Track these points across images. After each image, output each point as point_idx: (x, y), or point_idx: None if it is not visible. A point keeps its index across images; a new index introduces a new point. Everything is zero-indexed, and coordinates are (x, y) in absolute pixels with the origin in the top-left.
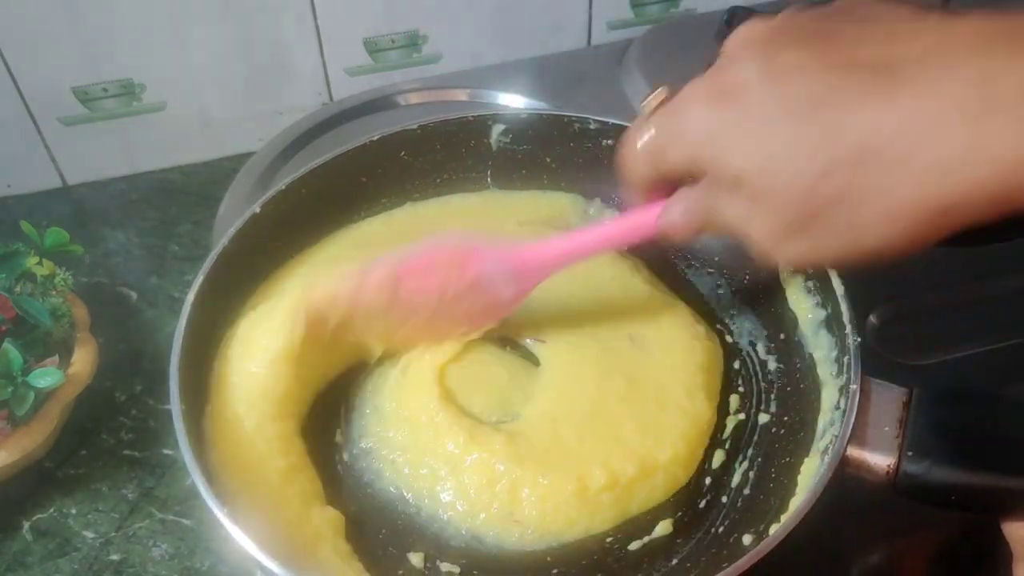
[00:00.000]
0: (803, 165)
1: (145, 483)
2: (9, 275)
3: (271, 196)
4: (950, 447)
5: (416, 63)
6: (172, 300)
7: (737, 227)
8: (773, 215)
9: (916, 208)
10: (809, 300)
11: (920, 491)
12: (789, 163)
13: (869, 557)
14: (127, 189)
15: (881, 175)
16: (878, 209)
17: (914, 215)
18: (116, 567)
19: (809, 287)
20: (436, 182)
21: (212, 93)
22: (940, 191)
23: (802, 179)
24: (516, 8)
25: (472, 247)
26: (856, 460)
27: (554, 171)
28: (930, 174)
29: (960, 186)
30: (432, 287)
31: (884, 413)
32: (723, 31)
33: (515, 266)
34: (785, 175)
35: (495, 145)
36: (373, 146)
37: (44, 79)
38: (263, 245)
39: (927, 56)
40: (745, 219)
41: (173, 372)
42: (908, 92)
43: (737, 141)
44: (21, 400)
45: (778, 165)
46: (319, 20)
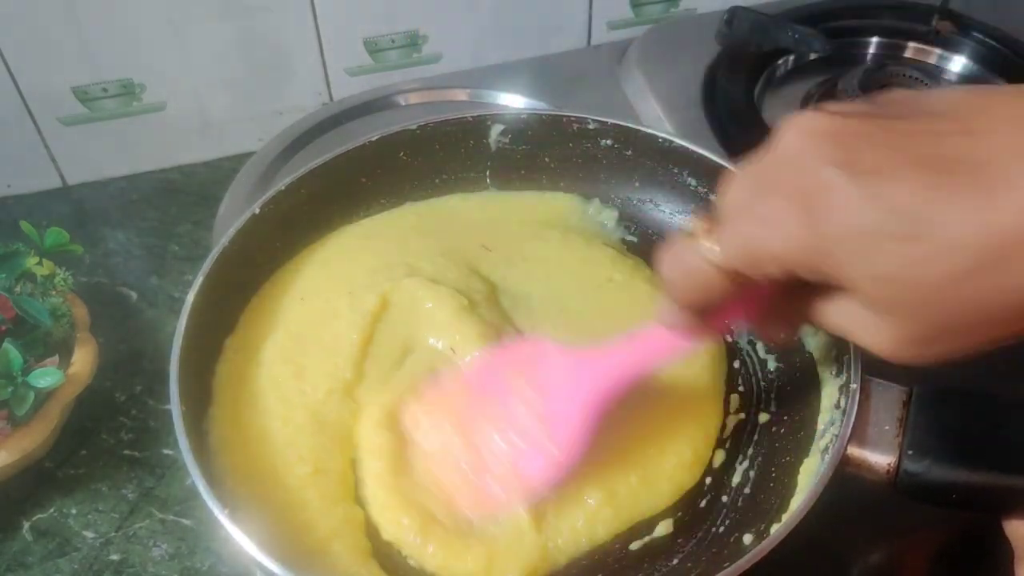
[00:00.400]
0: (922, 279)
1: (145, 483)
2: (9, 275)
3: (270, 196)
4: (950, 446)
5: (416, 63)
6: (172, 300)
7: (850, 332)
8: (900, 328)
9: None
10: None
11: (920, 490)
12: (911, 281)
13: (870, 556)
14: (127, 189)
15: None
16: (1008, 309)
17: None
18: (116, 567)
19: None
20: (435, 182)
21: (212, 93)
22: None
23: (924, 293)
24: (516, 8)
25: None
26: (856, 459)
27: (553, 171)
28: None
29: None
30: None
31: (884, 412)
32: (723, 31)
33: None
34: (904, 290)
35: (494, 145)
36: (372, 146)
37: (44, 79)
38: (263, 245)
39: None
40: (862, 327)
41: (173, 374)
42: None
43: (847, 258)
44: (21, 400)
45: (899, 284)
46: (319, 20)
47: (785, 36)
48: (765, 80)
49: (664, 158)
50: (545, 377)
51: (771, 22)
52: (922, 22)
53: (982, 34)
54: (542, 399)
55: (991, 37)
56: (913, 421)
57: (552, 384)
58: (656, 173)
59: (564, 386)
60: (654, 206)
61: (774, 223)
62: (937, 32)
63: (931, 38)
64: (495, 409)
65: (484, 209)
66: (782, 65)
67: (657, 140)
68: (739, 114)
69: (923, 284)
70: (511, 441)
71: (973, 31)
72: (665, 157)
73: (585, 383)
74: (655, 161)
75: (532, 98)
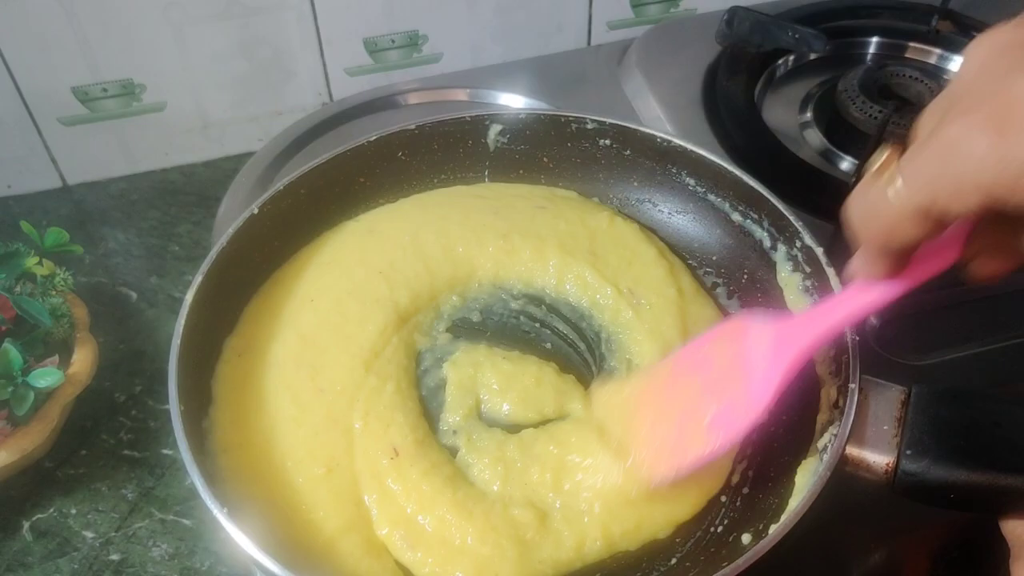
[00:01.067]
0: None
1: (145, 483)
2: (9, 275)
3: (269, 197)
4: (948, 446)
5: (416, 63)
6: (172, 300)
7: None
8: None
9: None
10: (807, 299)
11: (919, 490)
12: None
13: (868, 556)
14: (127, 189)
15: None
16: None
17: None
18: (116, 567)
19: (807, 287)
20: (434, 182)
21: (212, 93)
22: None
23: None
24: (516, 8)
25: (745, 321)
26: (855, 459)
27: (551, 171)
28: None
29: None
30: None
31: (883, 412)
32: (723, 31)
33: (775, 337)
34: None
35: (492, 145)
36: (371, 147)
37: (44, 79)
38: (262, 245)
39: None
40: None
41: (172, 373)
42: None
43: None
44: (21, 400)
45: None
46: (319, 20)
47: (785, 36)
48: (765, 80)
49: (663, 158)
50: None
51: (771, 22)
52: (922, 22)
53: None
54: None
55: None
56: (911, 421)
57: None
58: (654, 173)
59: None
60: (652, 205)
61: (965, 144)
62: (937, 32)
63: (931, 38)
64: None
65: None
66: (782, 65)
67: (655, 140)
68: (739, 114)
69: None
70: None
71: (973, 31)
72: (664, 157)
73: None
74: (653, 161)
75: (532, 98)
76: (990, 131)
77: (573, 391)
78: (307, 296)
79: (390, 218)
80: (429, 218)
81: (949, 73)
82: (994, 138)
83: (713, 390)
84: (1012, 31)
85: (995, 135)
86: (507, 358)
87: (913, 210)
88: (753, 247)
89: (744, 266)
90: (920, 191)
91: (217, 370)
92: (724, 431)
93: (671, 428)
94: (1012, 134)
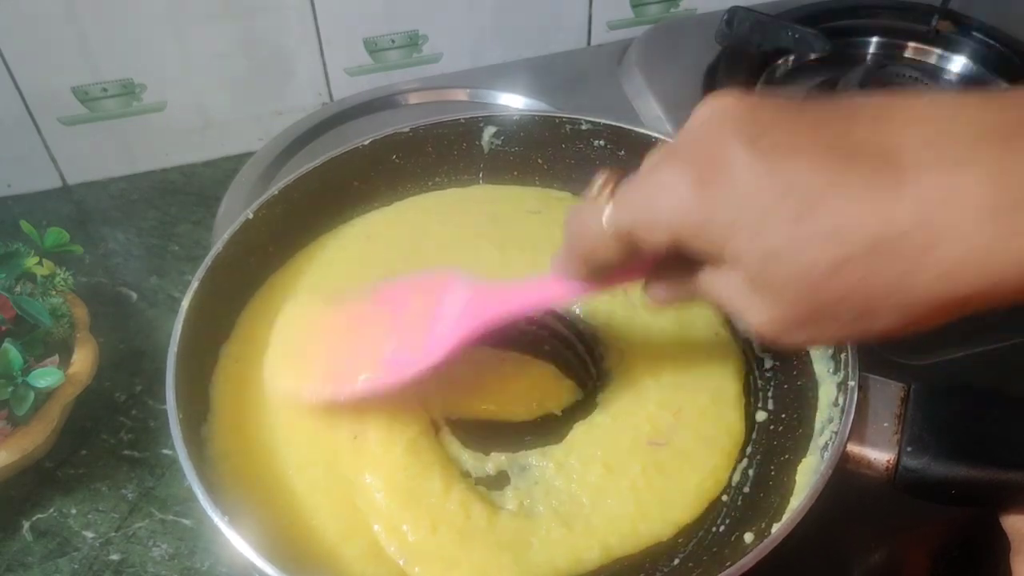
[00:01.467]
0: (810, 262)
1: (145, 483)
2: (9, 275)
3: (264, 201)
4: (948, 442)
5: (416, 63)
6: (172, 300)
7: (731, 307)
8: (776, 308)
9: (933, 300)
10: None
11: (919, 486)
12: (794, 260)
13: (869, 554)
14: (127, 189)
15: (895, 271)
16: (892, 303)
17: (930, 306)
18: (116, 567)
19: None
20: (428, 184)
21: (212, 93)
22: (959, 285)
23: (809, 277)
24: (516, 8)
25: (449, 276)
26: (856, 456)
27: (546, 172)
28: (949, 269)
29: (982, 280)
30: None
31: (882, 409)
32: (723, 31)
33: (470, 299)
34: (790, 272)
35: (487, 147)
36: (365, 150)
37: (44, 79)
38: (257, 250)
39: (929, 146)
40: (742, 303)
41: (169, 380)
42: (918, 185)
43: (733, 230)
44: (21, 400)
45: (781, 261)
46: (319, 20)
47: (785, 36)
48: (765, 80)
49: None
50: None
51: (771, 22)
52: (922, 22)
53: (982, 34)
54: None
55: (991, 37)
56: (911, 418)
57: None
58: None
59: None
60: None
61: (668, 188)
62: (937, 32)
63: (931, 38)
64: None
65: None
66: (782, 65)
67: (651, 140)
68: None
69: (801, 266)
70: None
71: (973, 31)
72: None
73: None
74: None
75: (532, 98)
76: (692, 183)
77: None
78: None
79: (387, 223)
80: (427, 225)
81: (949, 73)
82: (693, 190)
83: (400, 329)
84: (739, 101)
85: (695, 187)
86: (505, 359)
87: (613, 235)
88: None
89: None
90: (623, 220)
91: (214, 376)
92: (394, 369)
93: (346, 351)
94: (708, 190)
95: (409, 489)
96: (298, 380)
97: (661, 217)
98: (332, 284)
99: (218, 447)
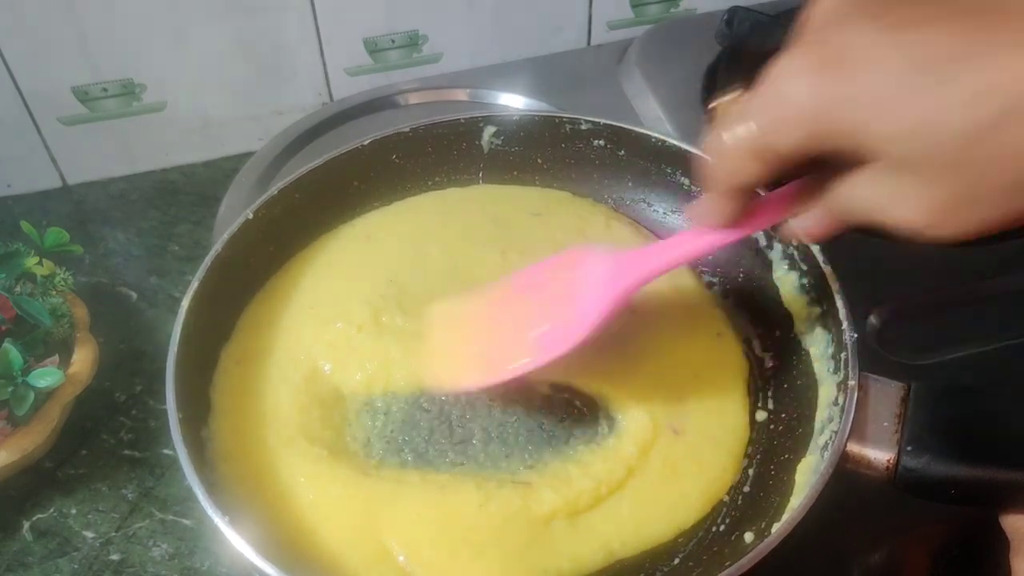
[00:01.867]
0: (960, 129)
1: (145, 483)
2: (9, 275)
3: (264, 201)
4: (949, 441)
5: (416, 63)
6: (172, 300)
7: (882, 212)
8: (930, 189)
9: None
10: (804, 298)
11: (920, 486)
12: (942, 129)
13: (869, 554)
14: (127, 189)
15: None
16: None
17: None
18: (116, 567)
19: (804, 284)
20: (428, 184)
21: (212, 93)
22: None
23: (961, 144)
24: (516, 8)
25: (585, 251)
26: (856, 456)
27: (546, 172)
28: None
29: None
30: (540, 282)
31: (883, 409)
32: (723, 31)
33: (610, 267)
34: (940, 143)
35: (487, 147)
36: (365, 150)
37: (44, 79)
38: (257, 251)
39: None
40: (891, 199)
41: (169, 382)
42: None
43: (873, 109)
44: (21, 400)
45: (929, 133)
46: (319, 20)
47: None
48: None
49: (657, 158)
50: (583, 274)
51: (771, 22)
52: None
53: None
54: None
55: None
56: (911, 417)
57: (587, 279)
58: (649, 173)
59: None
60: (647, 205)
61: (795, 80)
62: None
63: None
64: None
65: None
66: None
67: (650, 140)
68: None
69: (950, 135)
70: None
71: None
72: (658, 157)
73: (614, 277)
74: (648, 161)
75: (532, 98)
76: (815, 71)
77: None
78: (307, 304)
79: (387, 224)
80: (428, 227)
81: None
82: (816, 77)
83: (545, 310)
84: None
85: (818, 75)
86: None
87: (748, 147)
88: (749, 245)
89: (740, 264)
90: (756, 127)
91: (215, 378)
92: (548, 348)
93: (496, 339)
94: (831, 74)
95: (411, 490)
96: (457, 372)
97: (792, 113)
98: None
99: (219, 449)
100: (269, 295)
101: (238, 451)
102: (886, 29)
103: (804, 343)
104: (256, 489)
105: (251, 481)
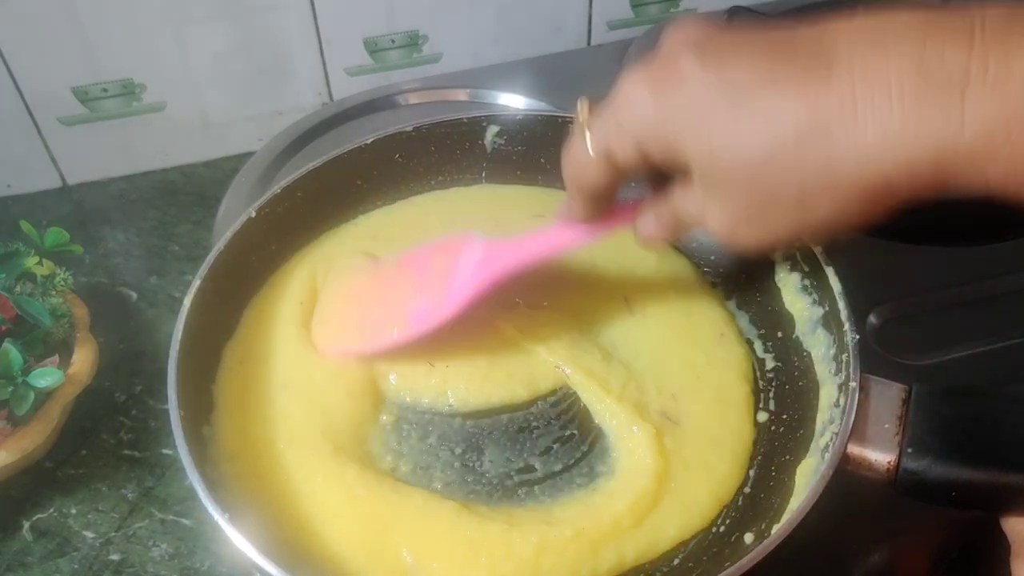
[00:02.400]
0: (749, 153)
1: (145, 483)
2: (9, 275)
3: (266, 200)
4: (950, 444)
5: (416, 63)
6: (172, 300)
7: (698, 220)
8: (726, 204)
9: (859, 184)
10: (806, 299)
11: (920, 488)
12: (734, 152)
13: (870, 554)
14: (127, 189)
15: (824, 154)
16: (823, 185)
17: (858, 189)
18: (116, 567)
19: (806, 286)
20: (431, 184)
21: (212, 93)
22: (880, 167)
23: (750, 166)
24: (516, 8)
25: (464, 237)
26: (856, 457)
27: (549, 171)
28: (869, 150)
29: (897, 164)
30: (422, 262)
31: (884, 410)
32: None
33: (484, 254)
34: (731, 162)
35: (490, 146)
36: (367, 149)
37: (44, 79)
38: (259, 249)
39: (860, 44)
40: (701, 210)
41: (171, 380)
42: (844, 75)
43: (682, 130)
44: (21, 400)
45: (724, 155)
46: (319, 20)
47: None
48: None
49: None
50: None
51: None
52: None
53: None
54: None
55: None
56: (912, 419)
57: (462, 262)
58: None
59: (470, 264)
60: None
61: (629, 100)
62: None
63: None
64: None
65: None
66: None
67: None
68: None
69: (745, 155)
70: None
71: None
72: None
73: (486, 263)
74: None
75: (532, 98)
76: (649, 93)
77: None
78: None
79: (391, 224)
80: (430, 225)
81: None
82: (650, 99)
83: (421, 288)
84: (699, 25)
85: (651, 97)
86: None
87: (594, 156)
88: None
89: (742, 266)
90: (599, 138)
91: (218, 377)
92: (417, 323)
93: (376, 310)
94: (661, 98)
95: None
96: (339, 337)
97: (626, 127)
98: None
99: (221, 449)
100: (270, 294)
101: (242, 450)
102: (708, 60)
103: (806, 344)
104: (259, 488)
105: (254, 480)
